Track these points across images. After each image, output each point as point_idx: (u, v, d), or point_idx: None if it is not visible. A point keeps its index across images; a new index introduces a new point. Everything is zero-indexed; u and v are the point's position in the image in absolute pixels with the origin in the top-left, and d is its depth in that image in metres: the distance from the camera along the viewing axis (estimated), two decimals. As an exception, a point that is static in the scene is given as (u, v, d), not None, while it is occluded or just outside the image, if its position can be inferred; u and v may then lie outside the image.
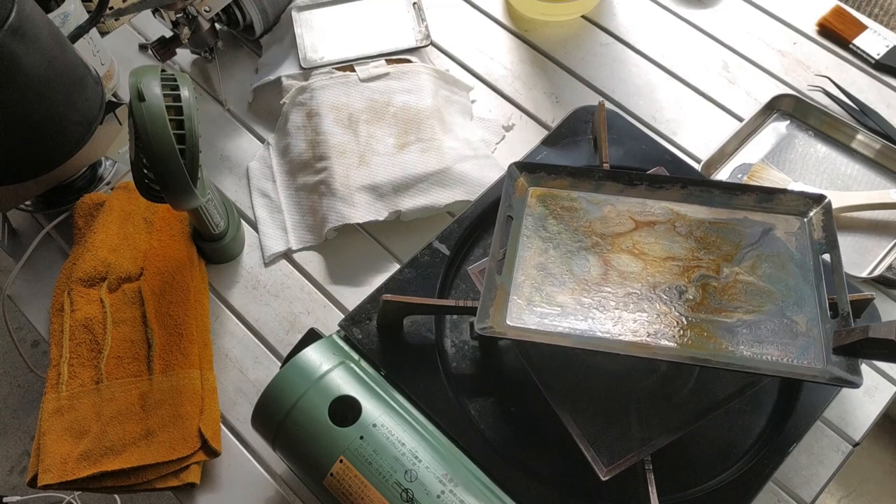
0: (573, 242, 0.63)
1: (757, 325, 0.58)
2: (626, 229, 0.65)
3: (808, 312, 0.59)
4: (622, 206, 0.66)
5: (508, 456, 0.60)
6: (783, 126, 0.82)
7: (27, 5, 0.63)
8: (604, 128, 0.74)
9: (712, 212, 0.66)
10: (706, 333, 0.58)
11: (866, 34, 0.88)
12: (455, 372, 0.65)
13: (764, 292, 0.61)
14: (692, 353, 0.57)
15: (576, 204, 0.66)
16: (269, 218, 0.79)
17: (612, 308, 0.60)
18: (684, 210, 0.66)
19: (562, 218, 0.65)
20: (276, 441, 0.58)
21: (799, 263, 0.62)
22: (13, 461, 1.45)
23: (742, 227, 0.65)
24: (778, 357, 0.57)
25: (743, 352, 0.57)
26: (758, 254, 0.63)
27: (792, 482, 0.64)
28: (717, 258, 0.63)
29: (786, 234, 0.64)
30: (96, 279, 0.72)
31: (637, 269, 0.62)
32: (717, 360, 0.56)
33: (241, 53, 0.91)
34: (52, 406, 0.66)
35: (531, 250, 0.63)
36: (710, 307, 0.60)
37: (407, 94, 0.81)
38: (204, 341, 0.70)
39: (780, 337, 0.58)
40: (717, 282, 0.61)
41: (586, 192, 0.67)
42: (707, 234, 0.64)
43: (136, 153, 0.61)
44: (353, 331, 0.65)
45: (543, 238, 0.64)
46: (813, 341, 0.58)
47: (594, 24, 0.92)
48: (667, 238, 0.64)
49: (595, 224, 0.65)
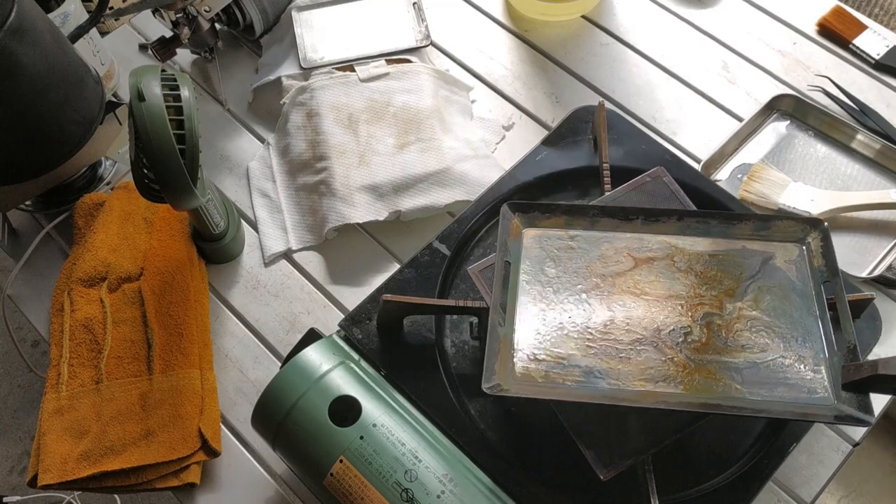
0: (573, 286, 0.62)
1: (765, 364, 0.58)
2: (626, 268, 0.63)
3: (815, 346, 0.58)
4: (620, 243, 0.65)
5: (508, 456, 0.60)
6: (783, 126, 0.82)
7: (27, 5, 0.63)
8: (604, 128, 0.74)
9: (711, 243, 0.65)
10: (715, 375, 0.57)
11: (866, 34, 0.88)
12: (455, 372, 0.65)
13: (769, 327, 0.59)
14: (703, 399, 0.56)
15: (573, 244, 0.65)
16: (269, 218, 0.79)
17: (618, 355, 0.59)
18: (682, 243, 0.65)
19: (559, 260, 0.64)
20: (276, 441, 0.58)
21: (801, 293, 0.61)
22: (13, 461, 1.45)
23: (741, 257, 0.64)
24: (788, 396, 0.56)
25: (752, 393, 0.56)
26: (759, 286, 0.62)
27: (792, 482, 0.64)
28: (719, 293, 0.62)
29: (786, 262, 0.63)
30: (96, 279, 0.72)
31: (640, 311, 0.61)
32: (728, 406, 0.55)
33: (241, 53, 0.91)
34: (52, 406, 0.66)
35: (531, 296, 0.62)
36: (716, 347, 0.59)
37: (407, 94, 0.81)
38: (204, 341, 0.70)
39: (789, 375, 0.57)
40: (721, 319, 0.60)
41: (582, 230, 0.66)
42: (707, 269, 0.63)
43: (136, 153, 0.61)
44: (353, 331, 0.65)
45: (542, 283, 0.63)
46: (821, 378, 0.57)
47: (594, 24, 0.92)
48: (667, 275, 0.63)
49: (594, 265, 0.64)
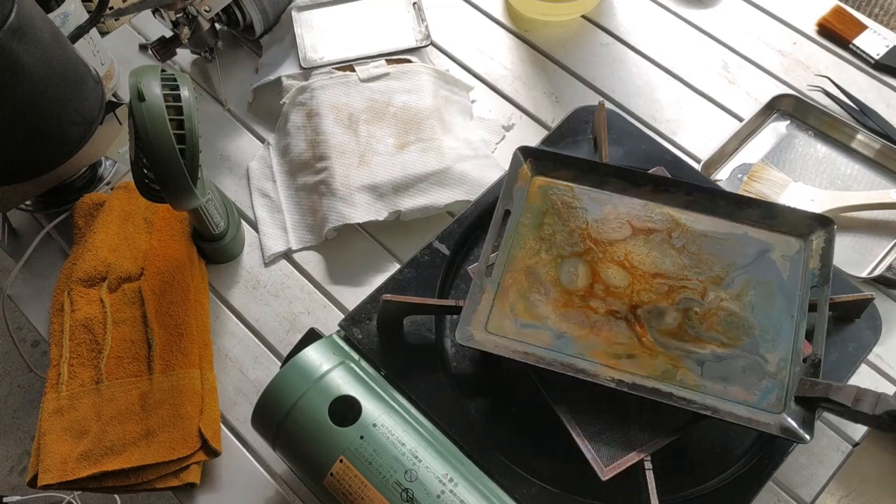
0: (567, 246, 0.63)
1: (728, 360, 0.58)
2: (622, 236, 0.64)
3: (782, 352, 0.58)
4: (623, 208, 0.65)
5: (508, 456, 0.60)
6: (783, 126, 0.82)
7: (27, 5, 0.63)
8: (604, 128, 0.73)
9: (713, 223, 0.64)
10: (677, 363, 0.58)
11: (866, 34, 0.88)
12: (455, 372, 0.65)
13: (743, 324, 0.60)
14: (656, 385, 0.57)
15: (576, 201, 0.65)
16: (269, 218, 0.79)
17: (591, 325, 0.60)
18: (685, 218, 0.65)
19: (559, 214, 0.64)
20: (276, 441, 0.58)
21: (787, 294, 0.61)
22: (13, 461, 1.44)
23: (740, 244, 0.63)
24: (739, 397, 0.56)
25: (707, 388, 0.57)
26: (748, 278, 0.62)
27: (792, 482, 0.64)
28: (705, 280, 0.62)
29: (782, 257, 0.63)
30: (96, 279, 0.72)
31: (623, 283, 0.61)
32: (678, 397, 0.56)
33: (241, 53, 0.91)
34: (52, 406, 0.66)
35: (524, 251, 0.63)
36: (686, 335, 0.59)
37: (407, 94, 0.81)
38: (204, 341, 0.70)
39: (748, 375, 0.57)
40: (699, 307, 0.60)
41: (589, 188, 0.66)
42: (701, 250, 0.63)
43: (136, 153, 0.61)
44: (353, 331, 0.65)
45: (537, 238, 0.63)
46: (778, 384, 0.57)
47: (594, 24, 0.92)
48: (660, 251, 0.63)
49: (592, 227, 0.64)
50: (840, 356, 0.64)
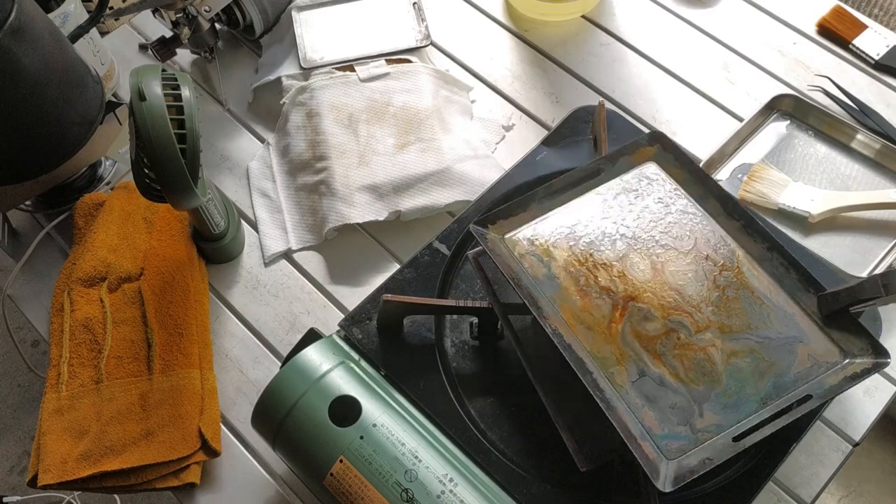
0: (623, 221, 0.64)
1: (667, 390, 0.55)
2: (678, 246, 0.62)
3: (722, 423, 0.54)
4: (697, 225, 0.63)
5: (508, 456, 0.60)
6: (783, 126, 0.82)
7: (27, 5, 0.63)
8: (604, 128, 0.74)
9: (770, 287, 0.60)
10: (621, 359, 0.57)
11: (866, 34, 0.88)
12: (455, 372, 0.65)
13: (711, 375, 0.56)
14: (584, 359, 0.56)
15: (666, 199, 0.65)
16: (269, 218, 0.79)
17: (581, 287, 0.60)
18: (747, 268, 0.61)
19: (643, 197, 0.65)
20: (276, 441, 0.58)
21: (779, 386, 0.56)
22: (13, 461, 1.44)
23: (779, 319, 0.58)
24: (647, 421, 0.54)
25: (628, 395, 0.55)
26: (756, 347, 0.57)
27: (792, 482, 0.64)
28: (714, 322, 0.58)
29: (809, 355, 0.56)
30: (96, 279, 0.72)
31: (641, 279, 0.61)
32: (594, 381, 0.55)
33: (241, 53, 0.91)
34: (52, 406, 0.66)
35: (599, 197, 0.65)
36: (652, 347, 0.58)
37: (407, 94, 0.81)
38: (204, 341, 0.70)
39: (672, 413, 0.55)
40: (686, 336, 0.58)
41: (691, 196, 0.65)
42: (737, 300, 0.59)
43: (137, 153, 0.61)
44: (353, 331, 0.65)
45: (609, 199, 0.65)
46: (691, 440, 0.54)
47: (594, 24, 0.92)
48: (697, 276, 0.60)
49: (659, 225, 0.63)
50: (840, 356, 0.63)
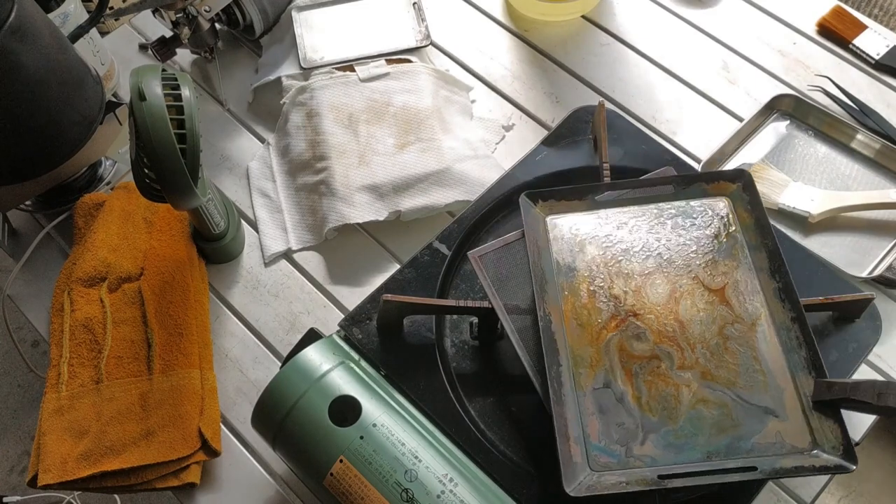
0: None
1: (620, 411, 0.57)
2: (709, 283, 0.62)
3: (650, 461, 0.55)
4: (733, 268, 0.63)
5: (508, 456, 0.60)
6: (783, 126, 0.82)
7: (27, 5, 0.63)
8: (604, 128, 0.73)
9: (776, 357, 0.59)
10: (595, 364, 0.58)
11: (866, 34, 0.88)
12: (455, 372, 0.65)
13: (672, 412, 0.56)
14: (561, 350, 0.58)
15: (734, 230, 0.65)
16: (269, 218, 0.79)
17: (593, 287, 0.62)
18: (761, 330, 0.60)
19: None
20: (276, 441, 0.58)
21: (731, 449, 0.55)
22: (13, 461, 1.44)
23: (767, 387, 0.58)
24: (591, 433, 0.56)
25: (582, 399, 0.57)
26: (727, 402, 0.57)
27: (792, 482, 0.64)
28: (701, 365, 0.58)
29: (777, 431, 0.56)
30: (96, 279, 0.72)
31: (653, 301, 0.61)
32: (557, 374, 0.56)
33: (241, 53, 0.91)
34: (52, 406, 0.66)
35: (640, 210, 0.66)
36: (630, 363, 0.58)
37: (407, 94, 0.81)
38: (204, 341, 0.70)
39: (616, 430, 0.56)
40: (667, 367, 0.58)
41: (746, 245, 0.64)
42: (736, 352, 0.59)
43: (137, 153, 0.61)
44: (353, 331, 0.65)
45: (660, 210, 0.66)
46: (625, 467, 0.55)
47: (594, 24, 0.92)
48: (710, 316, 0.60)
49: (698, 257, 0.63)
50: (840, 356, 0.64)
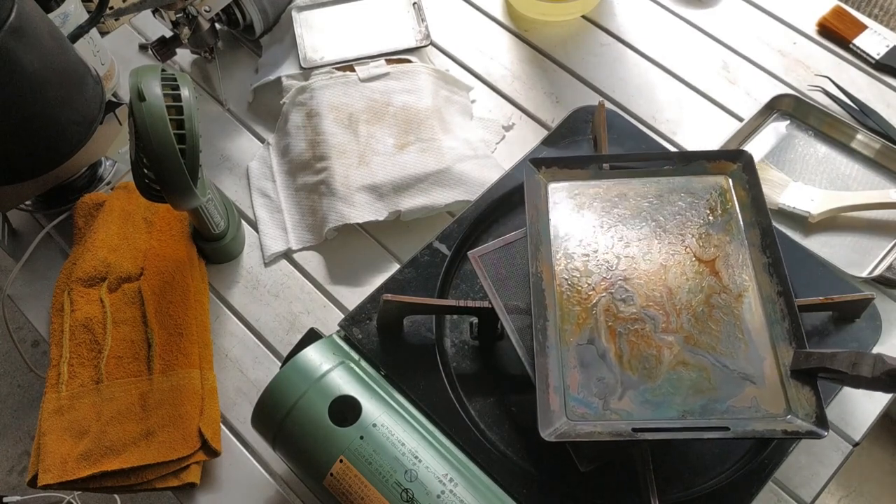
0: (667, 211, 0.65)
1: (601, 366, 0.58)
2: (700, 255, 0.62)
3: (635, 410, 0.56)
4: (732, 247, 0.63)
5: (508, 456, 0.60)
6: (783, 126, 0.82)
7: (27, 5, 0.63)
8: (604, 128, 0.74)
9: (759, 326, 0.59)
10: (581, 321, 0.60)
11: (866, 34, 0.88)
12: (455, 372, 0.65)
13: (650, 372, 0.57)
14: (549, 303, 0.60)
15: (728, 206, 0.65)
16: (269, 218, 0.79)
17: (586, 252, 0.64)
18: (748, 300, 0.60)
19: (699, 200, 0.66)
20: (276, 441, 0.58)
21: (706, 407, 0.56)
22: (13, 461, 1.44)
23: (748, 354, 0.58)
24: (572, 385, 0.57)
25: (566, 354, 0.58)
26: (707, 366, 0.58)
27: (792, 482, 0.64)
28: (685, 330, 0.59)
29: (753, 397, 0.56)
30: (96, 279, 0.72)
31: (646, 267, 0.62)
32: (542, 328, 0.58)
33: (241, 53, 0.91)
34: (52, 406, 0.66)
35: (640, 182, 0.68)
36: (613, 327, 0.59)
37: (407, 94, 0.81)
38: (204, 341, 0.70)
39: (595, 385, 0.57)
40: (651, 330, 0.59)
41: (742, 221, 0.65)
42: (720, 321, 0.59)
43: (137, 153, 0.61)
44: (353, 331, 0.65)
45: (660, 184, 0.68)
46: (601, 419, 0.56)
47: (594, 24, 0.92)
48: (697, 285, 0.61)
49: (703, 229, 0.64)
50: (840, 356, 0.64)
